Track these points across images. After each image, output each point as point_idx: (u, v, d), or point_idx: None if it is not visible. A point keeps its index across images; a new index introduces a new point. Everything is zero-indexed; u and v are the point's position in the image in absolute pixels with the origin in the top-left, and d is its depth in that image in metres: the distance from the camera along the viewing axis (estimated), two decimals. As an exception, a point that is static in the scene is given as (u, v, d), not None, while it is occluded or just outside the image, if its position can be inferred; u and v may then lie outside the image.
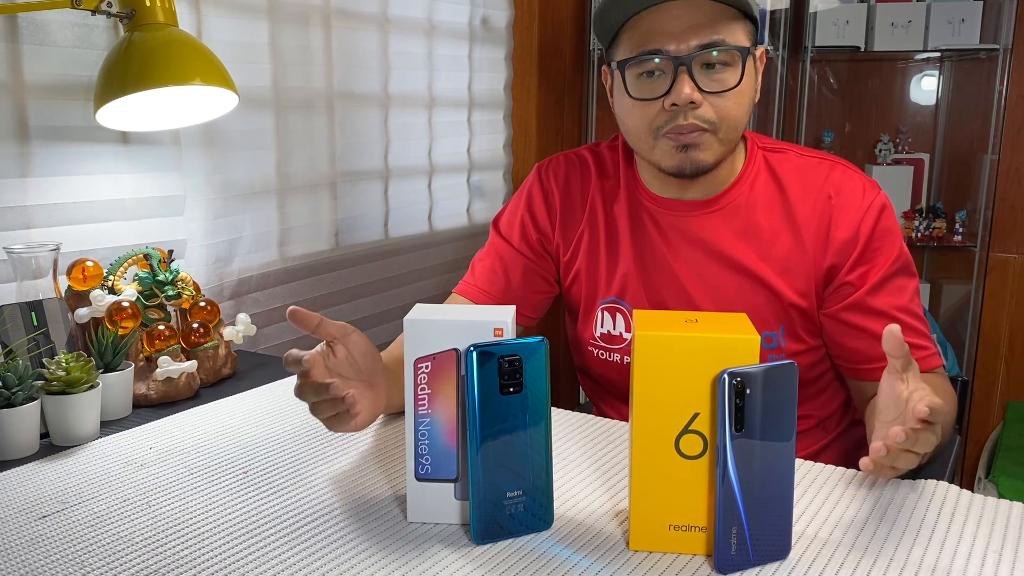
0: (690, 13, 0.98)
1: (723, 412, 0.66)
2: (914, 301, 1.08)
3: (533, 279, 1.21)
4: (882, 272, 1.05)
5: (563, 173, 1.20)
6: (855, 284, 1.06)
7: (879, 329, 1.03)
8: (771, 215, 1.09)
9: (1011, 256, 2.40)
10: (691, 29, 0.97)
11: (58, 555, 0.73)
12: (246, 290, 1.62)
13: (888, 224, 1.07)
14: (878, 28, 2.38)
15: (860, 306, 1.06)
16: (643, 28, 0.99)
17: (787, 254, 1.08)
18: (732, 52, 0.99)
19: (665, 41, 0.98)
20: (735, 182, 1.10)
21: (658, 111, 1.00)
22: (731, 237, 1.09)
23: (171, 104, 1.29)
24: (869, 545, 0.74)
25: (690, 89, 0.97)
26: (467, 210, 2.29)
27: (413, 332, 0.75)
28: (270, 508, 0.81)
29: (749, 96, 1.03)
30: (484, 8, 2.26)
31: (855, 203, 1.06)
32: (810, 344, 1.12)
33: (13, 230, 1.22)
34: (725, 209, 1.10)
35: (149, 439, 0.99)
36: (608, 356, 1.18)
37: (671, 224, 1.12)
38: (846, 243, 1.05)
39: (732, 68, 1.00)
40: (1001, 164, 2.35)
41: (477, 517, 0.73)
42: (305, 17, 1.69)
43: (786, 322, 1.10)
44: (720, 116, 1.00)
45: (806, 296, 1.08)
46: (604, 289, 1.17)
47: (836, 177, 1.08)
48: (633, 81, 1.02)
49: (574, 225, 1.18)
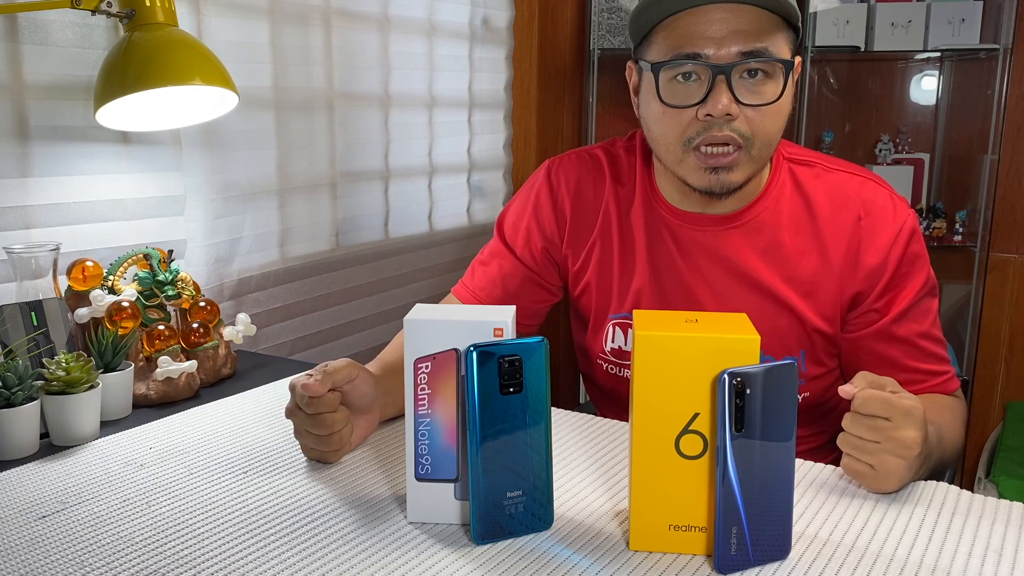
0: (733, 18, 0.91)
1: (723, 412, 0.66)
2: (935, 324, 1.05)
3: (533, 289, 1.17)
4: (909, 299, 1.02)
5: (575, 176, 1.13)
6: (881, 312, 1.03)
7: (899, 356, 1.04)
8: (797, 234, 1.04)
9: (1011, 256, 2.40)
10: (733, 35, 0.91)
11: (58, 555, 0.73)
12: (246, 290, 1.62)
13: (917, 248, 1.03)
14: (878, 28, 2.38)
15: (883, 334, 1.03)
16: (681, 29, 0.93)
17: (812, 276, 1.03)
18: (775, 64, 0.93)
19: (705, 45, 0.92)
20: (760, 196, 1.05)
21: (690, 120, 0.94)
22: (754, 256, 1.04)
23: (171, 104, 1.29)
24: (869, 545, 0.74)
25: (728, 100, 0.91)
26: (467, 210, 2.29)
27: (413, 332, 0.75)
28: (270, 508, 0.81)
29: (786, 112, 0.97)
30: (484, 8, 2.26)
31: (886, 227, 1.01)
32: (830, 367, 1.09)
33: (13, 230, 1.22)
34: (749, 225, 1.04)
35: (149, 439, 0.99)
36: (618, 372, 1.14)
37: (691, 239, 1.06)
38: (875, 269, 1.01)
39: (772, 81, 0.93)
40: (1001, 164, 2.35)
41: (477, 517, 0.73)
42: (305, 17, 1.69)
43: (808, 347, 1.06)
44: (754, 131, 0.94)
45: (830, 321, 1.05)
46: (617, 304, 1.12)
47: (866, 196, 1.03)
48: (666, 85, 0.95)
49: (585, 234, 1.13)
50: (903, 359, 1.03)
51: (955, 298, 2.55)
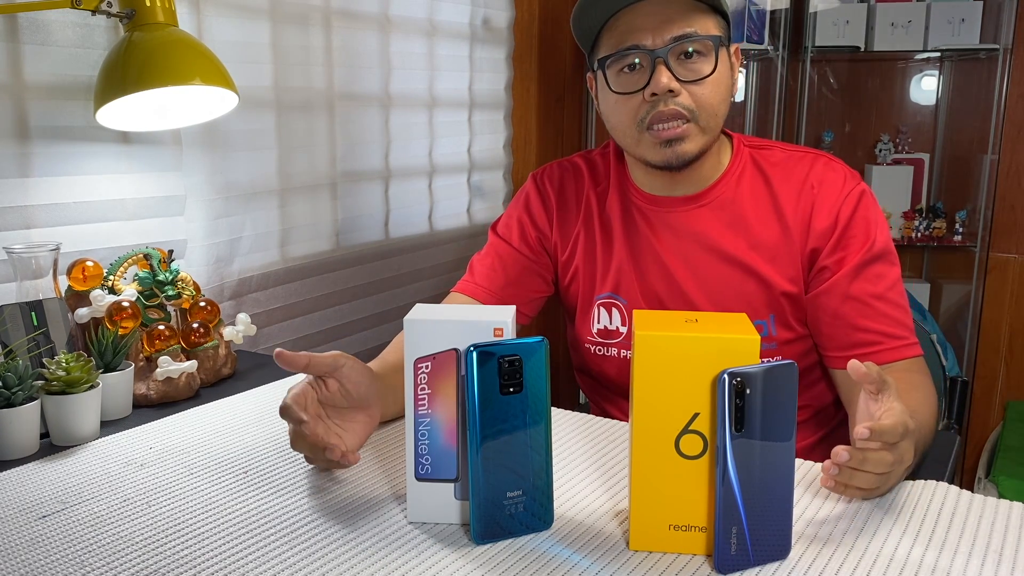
0: (663, 9, 1.03)
1: (723, 412, 0.66)
2: (894, 290, 1.09)
3: (531, 277, 1.23)
4: (858, 258, 1.07)
5: (557, 178, 1.24)
6: (832, 268, 1.09)
7: (853, 315, 1.08)
8: (758, 206, 1.12)
9: (1011, 256, 2.40)
10: (665, 23, 1.03)
11: (58, 555, 0.73)
12: (246, 290, 1.62)
13: (866, 212, 1.09)
14: (878, 28, 2.38)
15: (836, 291, 1.08)
16: (620, 27, 1.05)
17: (775, 243, 1.11)
18: (705, 42, 1.04)
19: (642, 37, 1.03)
20: (722, 177, 1.14)
21: (640, 103, 1.05)
22: (720, 229, 1.13)
23: (171, 104, 1.29)
24: (869, 545, 0.74)
25: (667, 78, 1.02)
26: (467, 210, 2.29)
27: (413, 332, 0.75)
28: (270, 508, 0.81)
29: (725, 85, 1.07)
30: (485, 8, 2.26)
31: (835, 192, 1.10)
32: (800, 332, 1.14)
33: (13, 230, 1.22)
34: (713, 203, 1.13)
35: (149, 439, 0.99)
36: (605, 351, 1.20)
37: (661, 220, 1.15)
38: (826, 229, 1.09)
39: (706, 58, 1.05)
40: (1001, 164, 2.35)
41: (477, 517, 0.73)
42: (305, 17, 1.69)
43: (776, 310, 1.12)
44: (698, 104, 1.04)
45: (795, 282, 1.11)
46: (600, 284, 1.19)
47: (819, 168, 1.12)
48: (614, 77, 1.07)
49: (570, 225, 1.22)
50: (856, 318, 1.07)
51: (955, 298, 2.55)
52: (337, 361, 0.86)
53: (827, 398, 1.20)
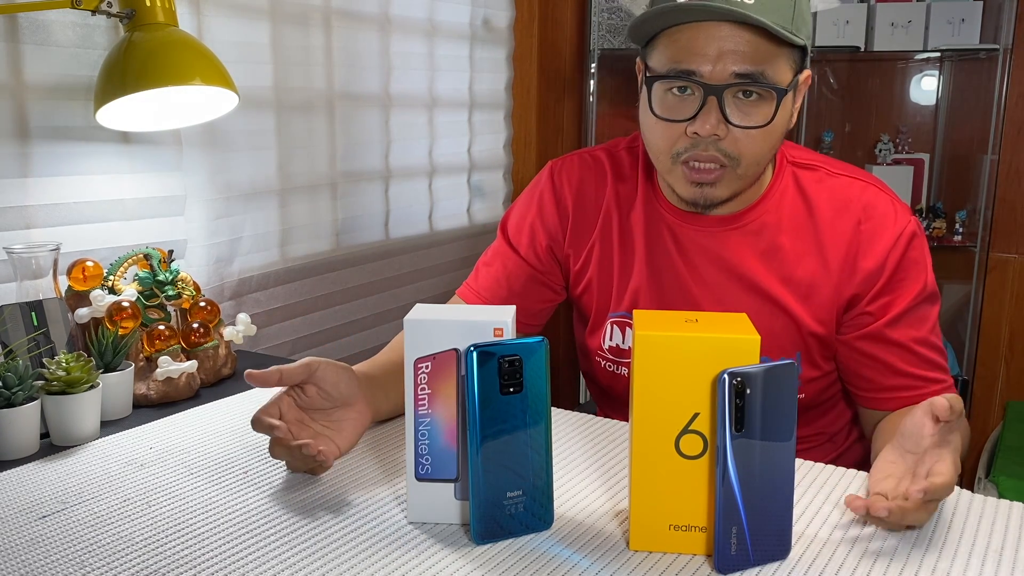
0: (733, 37, 0.90)
1: (723, 412, 0.66)
2: (934, 332, 1.04)
3: (537, 289, 1.18)
4: (905, 304, 1.01)
5: (577, 176, 1.15)
6: (875, 315, 1.02)
7: (894, 360, 1.02)
8: (797, 236, 1.04)
9: (1011, 256, 2.40)
10: (730, 55, 0.90)
11: (58, 555, 0.73)
12: (246, 290, 1.62)
13: (916, 255, 1.02)
14: (878, 28, 2.38)
15: (877, 337, 1.03)
16: (682, 43, 0.93)
17: (810, 279, 1.03)
18: (769, 90, 0.93)
19: (701, 63, 0.91)
20: (761, 198, 1.05)
21: (680, 135, 0.95)
22: (752, 257, 1.05)
23: (171, 104, 1.29)
24: (869, 545, 0.74)
25: (716, 120, 0.92)
26: (467, 210, 2.29)
27: (413, 332, 0.75)
28: (270, 508, 0.81)
29: (779, 133, 0.97)
30: (485, 8, 2.26)
31: (885, 231, 1.02)
32: (825, 370, 1.09)
33: (13, 230, 1.22)
34: (749, 227, 1.05)
35: (149, 439, 0.99)
36: (616, 369, 1.15)
37: (690, 239, 1.07)
38: (871, 273, 1.01)
39: (766, 103, 0.93)
40: (1001, 164, 2.35)
41: (477, 517, 0.73)
42: (306, 17, 1.69)
43: (803, 349, 1.07)
44: (741, 152, 0.95)
45: (825, 324, 1.05)
46: (615, 303, 1.13)
47: (867, 200, 1.03)
48: (659, 98, 0.96)
49: (586, 234, 1.14)
50: (898, 363, 1.03)
51: (955, 298, 2.55)
52: (310, 367, 0.86)
53: (841, 422, 1.18)
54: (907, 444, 0.80)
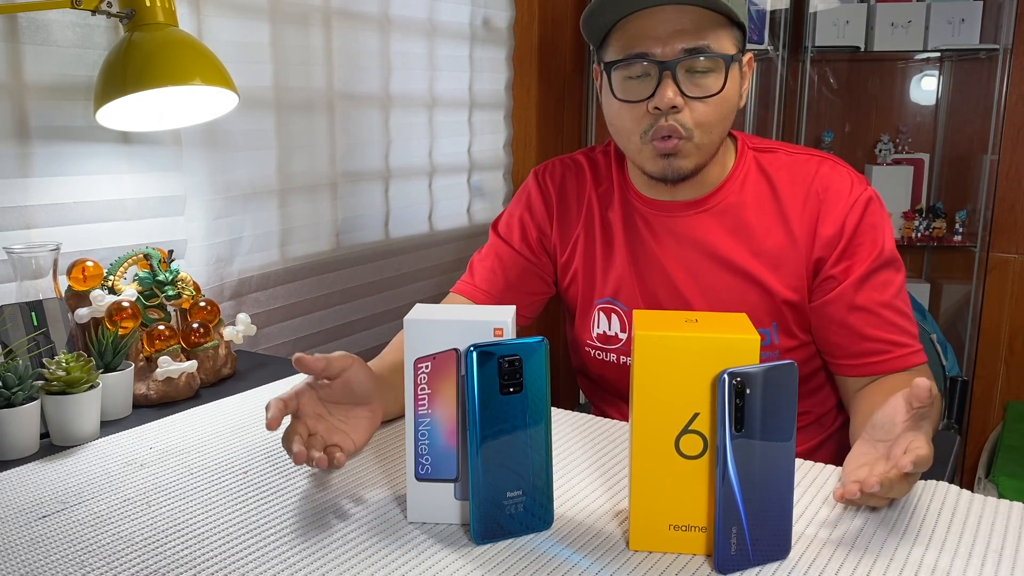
0: (677, 18, 1.00)
1: (723, 412, 0.66)
2: (899, 297, 1.08)
3: (531, 279, 1.23)
4: (865, 266, 1.06)
5: (559, 176, 1.23)
6: (838, 278, 1.07)
7: (860, 325, 1.07)
8: (761, 212, 1.11)
9: (1011, 256, 2.40)
10: (677, 34, 0.99)
11: (58, 555, 0.73)
12: (246, 290, 1.62)
13: (874, 219, 1.08)
14: (878, 28, 2.38)
15: (842, 300, 1.07)
16: (631, 32, 1.02)
17: (778, 250, 1.09)
18: (716, 59, 1.01)
19: (651, 45, 1.00)
20: (725, 182, 1.12)
21: (643, 113, 1.03)
22: (723, 235, 1.11)
23: (171, 104, 1.29)
24: (869, 545, 0.74)
25: (672, 93, 1.00)
26: (467, 210, 2.29)
27: (413, 332, 0.75)
28: (270, 508, 0.81)
29: (731, 102, 1.05)
30: (485, 8, 2.26)
31: (842, 198, 1.08)
32: (803, 340, 1.13)
33: (13, 230, 1.22)
34: (715, 208, 1.12)
35: (149, 439, 0.99)
36: (605, 356, 1.19)
37: (663, 225, 1.14)
38: (832, 237, 1.07)
39: (716, 74, 1.02)
40: (1001, 164, 2.35)
41: (477, 517, 0.73)
42: (305, 17, 1.69)
43: (779, 318, 1.11)
44: (697, 122, 1.02)
45: (797, 291, 1.10)
46: (600, 290, 1.18)
47: (824, 173, 1.10)
48: (620, 83, 1.04)
49: (571, 226, 1.20)
50: (864, 327, 1.07)
51: (955, 298, 2.55)
52: (346, 360, 0.88)
53: (829, 403, 1.20)
54: (878, 434, 0.82)
